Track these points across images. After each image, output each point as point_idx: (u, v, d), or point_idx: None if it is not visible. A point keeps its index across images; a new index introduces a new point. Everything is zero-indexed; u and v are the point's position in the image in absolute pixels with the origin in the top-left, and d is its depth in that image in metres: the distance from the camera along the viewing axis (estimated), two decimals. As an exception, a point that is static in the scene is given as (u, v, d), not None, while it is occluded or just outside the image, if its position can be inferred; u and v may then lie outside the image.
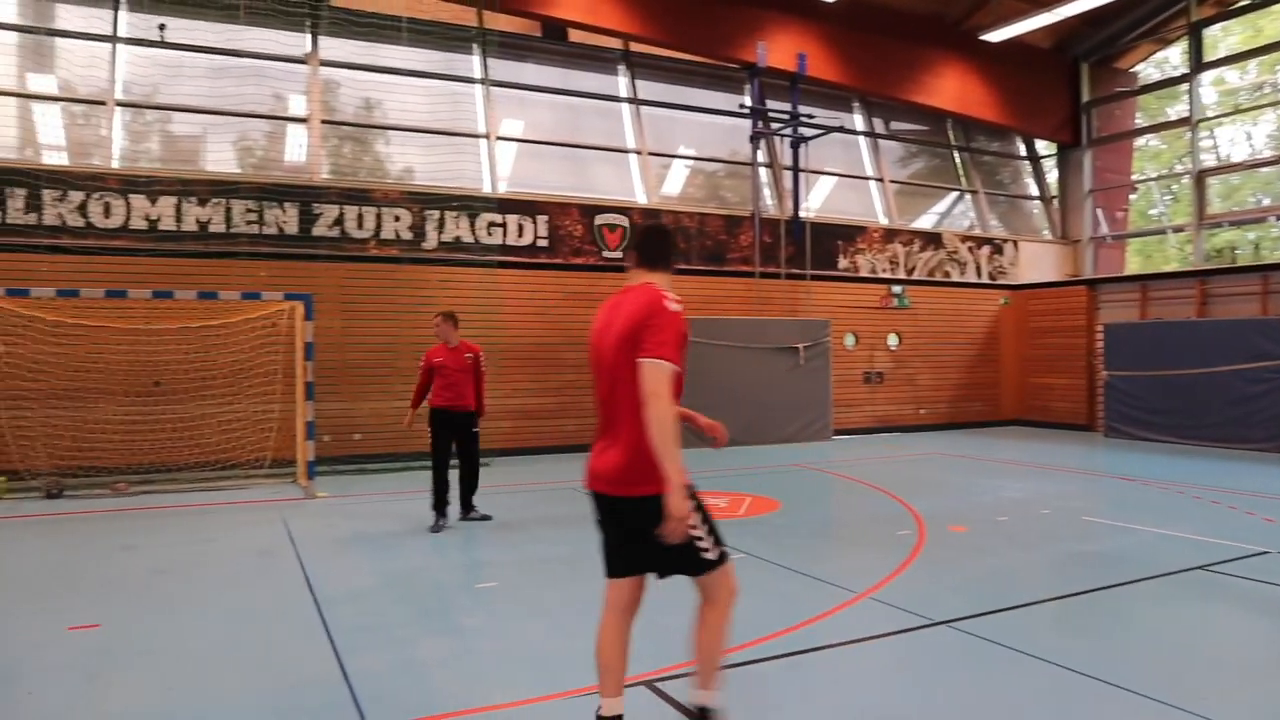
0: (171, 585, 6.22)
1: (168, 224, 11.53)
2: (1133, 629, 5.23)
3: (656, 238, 3.80)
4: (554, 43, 15.44)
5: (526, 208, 13.73)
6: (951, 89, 17.92)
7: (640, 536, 3.43)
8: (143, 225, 11.41)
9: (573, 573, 6.53)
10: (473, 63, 14.50)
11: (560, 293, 13.82)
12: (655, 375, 3.35)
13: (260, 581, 6.35)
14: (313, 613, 5.52)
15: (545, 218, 13.82)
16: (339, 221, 12.45)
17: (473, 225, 13.25)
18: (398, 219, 12.80)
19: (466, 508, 8.55)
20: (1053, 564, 6.82)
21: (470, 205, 13.18)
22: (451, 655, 4.80)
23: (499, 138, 14.30)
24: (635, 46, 15.71)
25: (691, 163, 16.37)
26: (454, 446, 8.44)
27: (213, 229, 11.73)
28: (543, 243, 13.78)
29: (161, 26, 12.18)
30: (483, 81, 14.39)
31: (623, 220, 14.42)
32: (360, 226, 12.58)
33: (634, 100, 15.66)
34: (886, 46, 17.11)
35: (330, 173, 13.14)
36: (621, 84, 15.81)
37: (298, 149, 13.13)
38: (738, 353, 14.71)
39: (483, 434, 12.61)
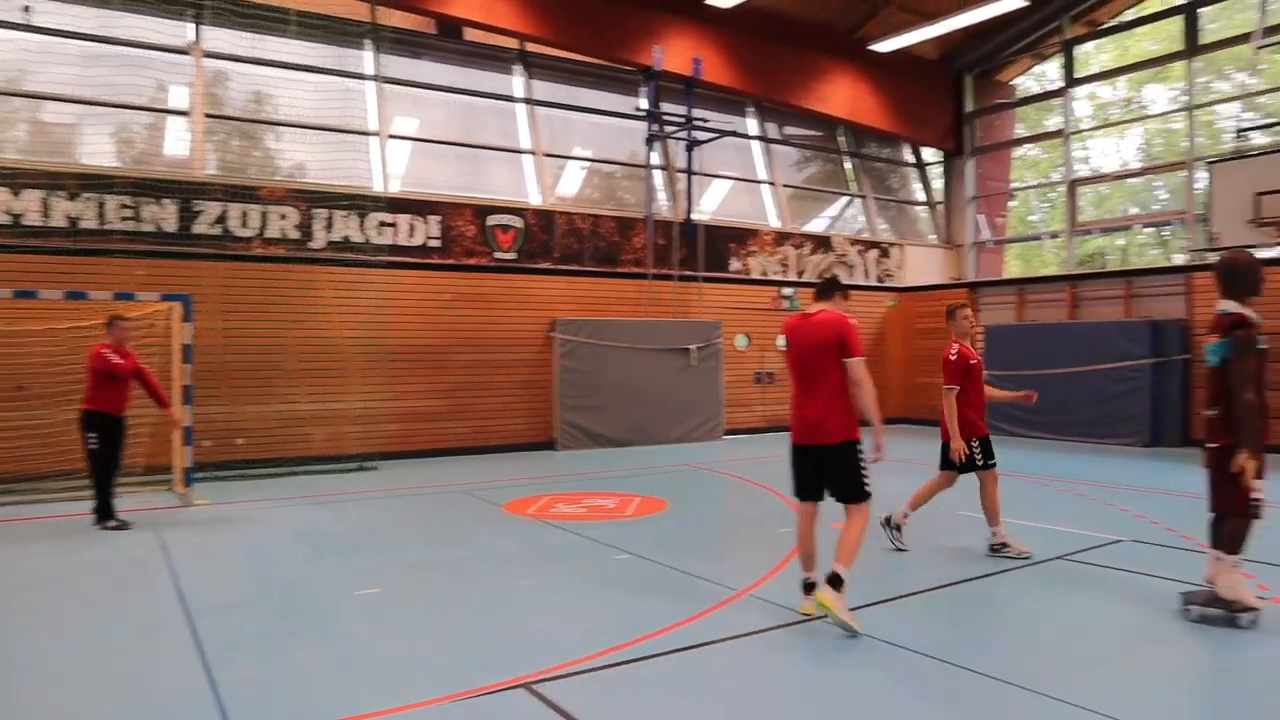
0: (33, 601, 5.95)
1: (33, 219, 10.97)
2: (996, 617, 5.50)
3: (826, 283, 5.58)
4: (449, 40, 15.27)
5: (418, 207, 13.54)
6: (843, 96, 18.40)
7: (828, 470, 5.35)
8: (5, 220, 10.83)
9: (457, 577, 6.50)
10: (365, 58, 14.23)
11: (451, 294, 13.68)
12: (861, 367, 5.25)
13: (128, 595, 6.12)
14: (183, 626, 5.34)
15: (438, 218, 13.66)
16: (222, 219, 12.06)
17: (363, 225, 13.00)
18: (284, 217, 12.47)
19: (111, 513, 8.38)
20: (926, 557, 7.07)
21: (360, 204, 12.93)
22: (331, 663, 4.73)
23: (391, 136, 14.06)
24: (531, 47, 15.65)
25: (587, 164, 16.41)
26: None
27: (84, 225, 11.21)
28: (434, 243, 13.62)
29: (26, 8, 11.59)
30: (375, 78, 14.13)
31: (516, 221, 14.36)
32: (244, 224, 12.21)
33: (529, 100, 15.61)
34: (780, 53, 17.47)
35: (214, 168, 12.71)
36: (517, 84, 15.74)
37: (178, 143, 12.66)
38: (630, 353, 14.82)
39: (369, 437, 12.57)
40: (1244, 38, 15.52)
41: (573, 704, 4.12)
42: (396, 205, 13.32)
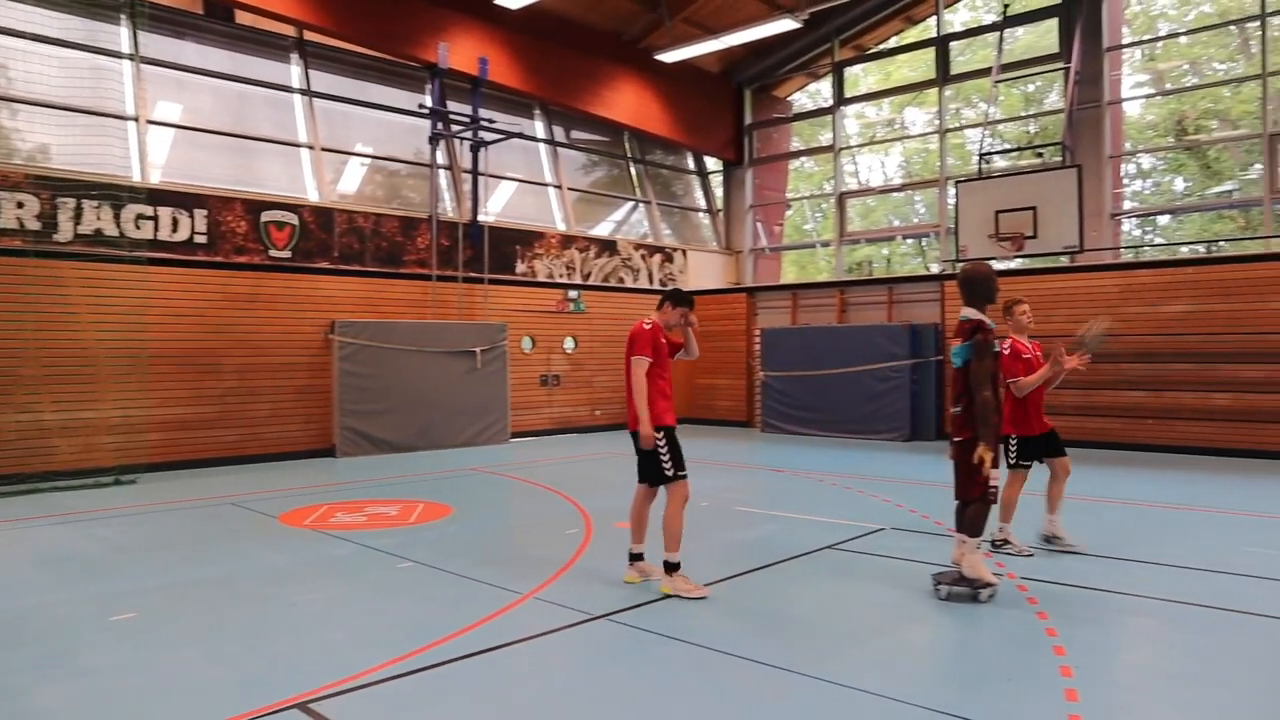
0: None
1: None
2: (773, 607, 5.76)
3: (669, 296, 6.41)
4: (218, 22, 14.31)
5: (183, 200, 12.59)
6: (628, 103, 18.78)
7: (637, 454, 6.18)
8: None
9: (226, 595, 6.09)
10: (120, 34, 13.07)
11: (221, 294, 12.83)
12: (638, 366, 6.04)
13: None
14: (-108, 666, 4.71)
15: (205, 212, 12.75)
16: (-56, 206, 10.73)
17: (118, 217, 11.93)
18: (22, 205, 11.24)
19: None
20: (708, 553, 7.31)
21: (115, 194, 11.87)
22: (76, 700, 4.29)
23: (151, 121, 13.00)
24: (310, 35, 14.95)
25: (370, 161, 15.86)
26: None
27: None
28: (201, 239, 12.70)
29: None
30: (132, 57, 13.02)
31: (292, 218, 13.64)
32: (-27, 213, 10.92)
33: (307, 92, 14.89)
34: (568, 58, 17.60)
35: (-66, 149, 11.29)
36: (294, 73, 14.97)
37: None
38: (414, 356, 14.46)
39: (127, 448, 11.58)
40: (986, 71, 17.17)
41: (351, 721, 3.97)
42: (157, 197, 12.33)
